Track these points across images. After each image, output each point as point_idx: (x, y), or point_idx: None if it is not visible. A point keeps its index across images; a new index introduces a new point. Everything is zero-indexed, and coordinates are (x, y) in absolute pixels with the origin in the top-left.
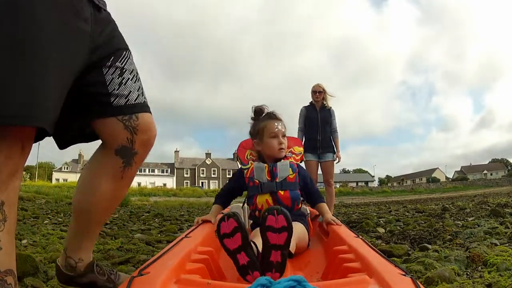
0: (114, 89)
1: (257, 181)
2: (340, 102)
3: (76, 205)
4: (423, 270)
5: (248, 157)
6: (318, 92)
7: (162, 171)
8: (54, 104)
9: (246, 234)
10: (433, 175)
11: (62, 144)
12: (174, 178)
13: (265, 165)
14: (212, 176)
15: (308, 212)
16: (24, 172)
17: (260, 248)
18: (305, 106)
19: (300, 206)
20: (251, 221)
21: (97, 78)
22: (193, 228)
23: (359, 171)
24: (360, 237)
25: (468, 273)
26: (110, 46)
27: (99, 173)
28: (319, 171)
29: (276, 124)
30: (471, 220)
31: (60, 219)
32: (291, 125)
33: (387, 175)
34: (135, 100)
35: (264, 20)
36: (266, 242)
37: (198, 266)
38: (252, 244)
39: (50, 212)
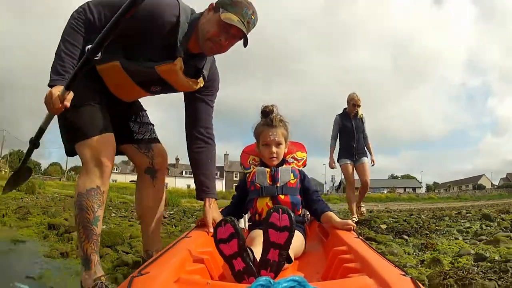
0: (135, 131)
1: (258, 185)
2: (394, 105)
3: (138, 213)
4: (384, 248)
5: (251, 162)
6: (358, 106)
7: None
8: None
9: (243, 240)
10: (479, 182)
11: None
12: (224, 181)
13: (267, 169)
14: None
15: (307, 218)
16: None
17: (256, 255)
18: (339, 115)
19: (300, 212)
20: (249, 223)
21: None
22: (193, 229)
23: (407, 177)
24: (360, 237)
25: (416, 254)
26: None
27: (141, 187)
28: (355, 176)
29: (270, 133)
30: (463, 223)
31: (124, 213)
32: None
33: (434, 182)
34: (148, 137)
35: (316, 14)
36: (266, 239)
37: (198, 267)
38: (249, 250)
39: (112, 208)
